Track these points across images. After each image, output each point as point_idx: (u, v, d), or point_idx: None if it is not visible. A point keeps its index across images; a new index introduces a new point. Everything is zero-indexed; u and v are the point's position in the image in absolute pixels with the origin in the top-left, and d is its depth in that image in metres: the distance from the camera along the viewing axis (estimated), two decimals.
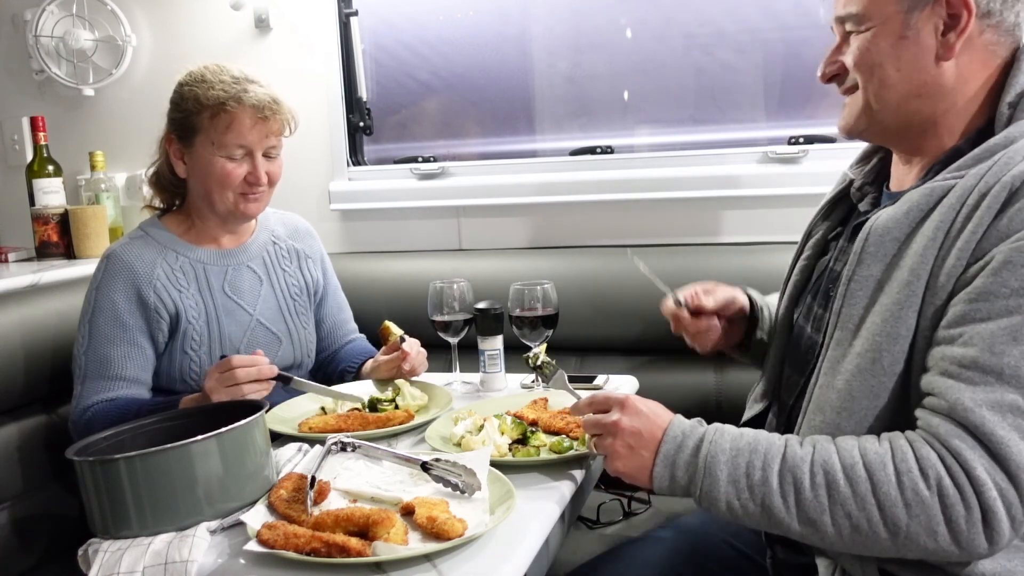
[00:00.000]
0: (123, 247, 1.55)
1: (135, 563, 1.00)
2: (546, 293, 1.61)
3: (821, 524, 0.93)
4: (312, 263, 1.77)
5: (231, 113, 1.50)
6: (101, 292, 1.51)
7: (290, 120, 1.58)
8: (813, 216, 1.30)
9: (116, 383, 1.49)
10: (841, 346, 1.05)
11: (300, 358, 1.70)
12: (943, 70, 1.05)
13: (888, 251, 1.03)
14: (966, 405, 0.89)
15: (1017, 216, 0.92)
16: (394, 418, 1.42)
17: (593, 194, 2.13)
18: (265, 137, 1.54)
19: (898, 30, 1.04)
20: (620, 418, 1.06)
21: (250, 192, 1.56)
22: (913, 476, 0.89)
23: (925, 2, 1.03)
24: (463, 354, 1.70)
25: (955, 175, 1.01)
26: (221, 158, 1.52)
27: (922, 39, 1.04)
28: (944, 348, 0.94)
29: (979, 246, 0.94)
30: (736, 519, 0.99)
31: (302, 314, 1.72)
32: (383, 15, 2.34)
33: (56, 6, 2.42)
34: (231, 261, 1.64)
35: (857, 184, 1.23)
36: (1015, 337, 0.90)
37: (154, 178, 1.66)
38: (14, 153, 2.56)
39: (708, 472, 0.99)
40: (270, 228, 1.73)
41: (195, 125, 1.54)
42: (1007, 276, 0.91)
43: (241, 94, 1.51)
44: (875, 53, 1.06)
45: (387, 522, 1.00)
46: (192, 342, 1.55)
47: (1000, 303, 0.91)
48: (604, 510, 1.71)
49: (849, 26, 1.09)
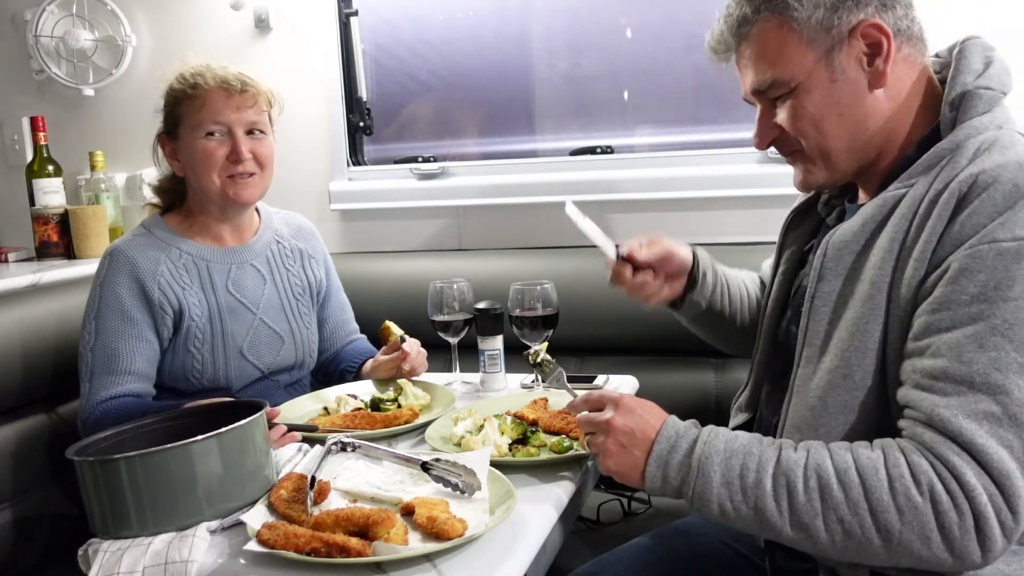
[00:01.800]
0: (126, 243, 1.55)
1: (135, 563, 1.00)
2: (546, 293, 1.61)
3: (814, 529, 0.93)
4: (315, 263, 1.77)
5: (201, 92, 1.53)
6: (106, 288, 1.51)
7: (268, 95, 1.59)
8: (782, 227, 1.29)
9: (125, 377, 1.49)
10: (811, 363, 1.05)
11: (302, 358, 1.70)
12: (878, 97, 1.05)
13: (846, 264, 1.04)
14: (943, 416, 0.89)
15: (968, 221, 0.93)
16: (400, 417, 1.42)
17: (593, 194, 2.13)
18: (239, 111, 1.54)
19: (826, 77, 1.05)
20: (613, 416, 1.06)
21: (236, 173, 1.55)
22: (905, 482, 0.89)
23: (840, 41, 1.03)
24: (463, 354, 1.70)
25: (906, 184, 1.02)
26: (201, 140, 1.53)
27: (851, 76, 1.04)
28: (915, 361, 0.95)
29: (935, 254, 0.95)
30: (728, 522, 0.99)
31: (305, 314, 1.71)
32: (383, 15, 2.34)
33: (56, 6, 2.42)
34: (235, 259, 1.63)
35: (824, 199, 1.24)
36: (981, 344, 0.90)
37: (158, 184, 1.68)
38: (14, 153, 2.56)
39: (701, 473, 0.99)
40: (274, 227, 1.73)
41: (176, 116, 1.56)
42: (965, 283, 0.91)
43: (206, 72, 1.54)
44: (813, 108, 1.06)
45: (387, 522, 1.00)
46: (195, 340, 1.54)
47: (962, 311, 0.91)
48: (604, 510, 1.71)
49: (772, 93, 1.09)
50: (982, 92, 1.02)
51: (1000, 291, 0.90)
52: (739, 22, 1.07)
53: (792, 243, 1.27)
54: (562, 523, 1.16)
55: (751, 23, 1.06)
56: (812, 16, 1.03)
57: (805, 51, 1.04)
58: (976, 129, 1.00)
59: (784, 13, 1.04)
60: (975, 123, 1.00)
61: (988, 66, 1.05)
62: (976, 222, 0.92)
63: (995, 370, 0.89)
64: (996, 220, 0.91)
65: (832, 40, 1.03)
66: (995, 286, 0.90)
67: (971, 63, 1.05)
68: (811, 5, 1.03)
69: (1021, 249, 0.90)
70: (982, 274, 0.91)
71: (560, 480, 1.19)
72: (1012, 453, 0.87)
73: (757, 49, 1.08)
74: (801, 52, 1.04)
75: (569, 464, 1.23)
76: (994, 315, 0.90)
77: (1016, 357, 0.89)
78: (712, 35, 1.13)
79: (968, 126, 1.00)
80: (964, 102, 1.02)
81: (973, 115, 1.01)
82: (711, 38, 1.13)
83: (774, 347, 1.25)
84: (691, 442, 1.02)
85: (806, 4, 1.03)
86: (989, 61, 1.05)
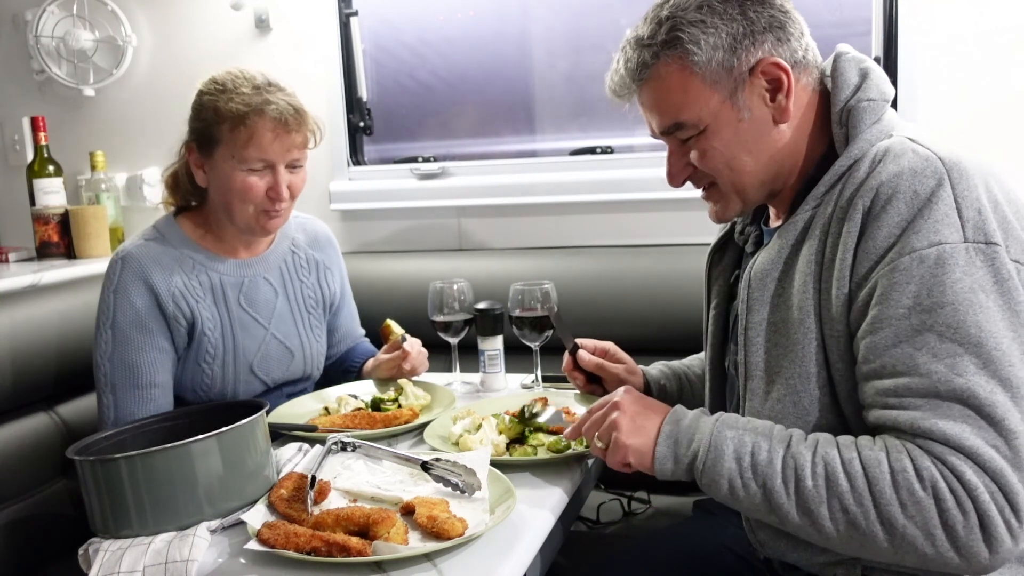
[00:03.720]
0: (139, 249, 1.48)
1: (135, 562, 1.00)
2: (546, 293, 1.61)
3: (819, 516, 0.93)
4: (331, 275, 1.72)
5: (251, 127, 1.42)
6: (119, 296, 1.45)
7: (315, 131, 1.51)
8: (706, 262, 1.31)
9: (150, 391, 1.45)
10: (756, 395, 1.07)
11: (309, 371, 1.67)
12: (783, 129, 1.08)
13: (770, 291, 1.06)
14: (925, 427, 0.90)
15: (879, 233, 0.95)
16: (400, 417, 1.42)
17: (593, 194, 2.13)
18: (288, 151, 1.46)
19: (733, 116, 1.06)
20: (621, 399, 1.08)
21: (271, 209, 1.48)
22: (908, 476, 0.89)
23: (741, 80, 1.05)
24: (463, 354, 1.70)
25: (812, 205, 1.04)
26: (242, 172, 1.45)
27: (756, 113, 1.07)
28: (874, 383, 0.95)
29: (854, 270, 0.97)
30: (736, 502, 0.99)
31: (316, 327, 1.68)
32: (383, 15, 2.35)
33: (56, 6, 2.42)
34: (247, 272, 1.58)
35: (739, 228, 1.25)
36: (934, 354, 0.91)
37: (171, 180, 1.58)
38: (15, 153, 2.56)
39: (714, 446, 0.99)
40: (290, 236, 1.67)
41: (215, 136, 1.46)
42: (897, 297, 0.93)
43: (263, 106, 1.42)
44: (723, 148, 1.08)
45: (387, 521, 1.00)
46: (207, 355, 1.51)
47: (904, 324, 0.92)
48: (604, 510, 1.71)
49: (681, 135, 1.10)
50: (865, 104, 1.04)
51: (934, 298, 0.91)
52: (638, 67, 1.08)
53: (718, 277, 1.28)
54: (562, 523, 1.16)
55: (651, 67, 1.07)
56: (712, 58, 1.04)
57: (709, 93, 1.05)
58: (868, 142, 1.03)
59: (685, 58, 1.05)
60: (866, 135, 1.03)
61: (865, 77, 1.07)
62: (887, 233, 0.94)
63: (955, 375, 0.89)
64: (907, 230, 0.93)
65: (734, 81, 1.05)
66: (927, 294, 0.91)
67: (848, 78, 1.07)
68: (709, 48, 1.04)
69: (941, 254, 0.92)
70: (911, 285, 0.92)
71: (560, 480, 1.19)
72: (999, 452, 0.87)
73: (659, 93, 1.09)
74: (705, 94, 1.06)
75: (568, 463, 1.24)
76: (936, 323, 0.91)
77: (970, 359, 0.89)
78: (612, 79, 1.13)
79: (860, 139, 1.03)
80: (851, 117, 1.05)
81: (862, 128, 1.03)
82: (611, 83, 1.14)
83: (723, 379, 1.26)
84: (699, 417, 1.04)
85: (704, 47, 1.04)
86: (865, 72, 1.07)
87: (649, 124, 1.14)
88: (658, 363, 1.48)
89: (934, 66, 1.88)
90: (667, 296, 1.93)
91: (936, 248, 0.92)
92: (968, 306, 0.90)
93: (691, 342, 1.54)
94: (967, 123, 1.88)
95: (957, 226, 0.92)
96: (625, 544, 1.34)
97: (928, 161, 0.95)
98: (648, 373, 1.45)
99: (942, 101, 1.88)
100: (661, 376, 1.45)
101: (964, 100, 1.87)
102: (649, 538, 1.35)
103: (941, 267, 0.91)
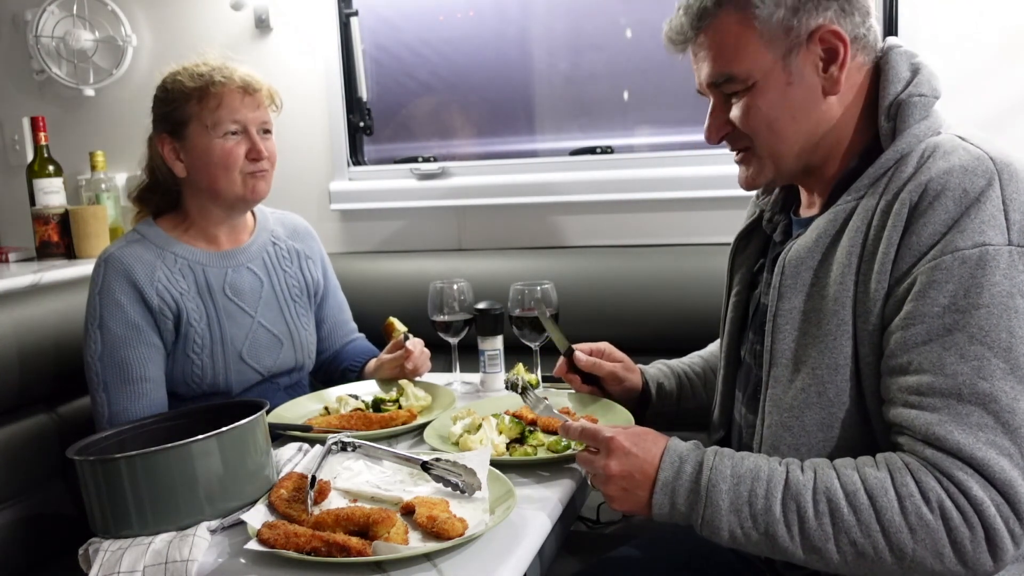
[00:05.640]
0: (120, 250, 1.52)
1: (135, 562, 1.00)
2: (546, 293, 1.61)
3: (826, 552, 0.93)
4: (312, 263, 1.76)
5: (218, 90, 1.50)
6: (105, 296, 1.48)
7: (273, 95, 1.59)
8: (730, 249, 1.30)
9: (142, 385, 1.47)
10: (780, 382, 1.05)
11: (301, 360, 1.69)
12: (831, 103, 1.06)
13: (805, 280, 1.04)
14: (938, 434, 0.90)
15: (924, 231, 0.93)
16: (397, 418, 1.42)
17: (593, 194, 2.13)
18: (257, 109, 1.54)
19: (783, 78, 1.04)
20: (608, 463, 1.05)
21: (256, 170, 1.54)
22: (915, 501, 0.89)
23: (798, 44, 1.03)
24: (463, 354, 1.70)
25: (855, 197, 1.02)
26: (219, 140, 1.51)
27: (807, 80, 1.04)
28: (897, 379, 0.95)
29: (896, 266, 0.95)
30: (738, 547, 0.99)
31: (303, 315, 1.70)
32: (383, 15, 2.34)
33: (56, 6, 2.42)
34: (231, 262, 1.61)
35: (767, 216, 1.24)
36: (962, 355, 0.90)
37: (144, 193, 1.63)
38: (15, 153, 2.56)
39: (710, 501, 0.98)
40: (269, 229, 1.71)
41: (185, 114, 1.52)
42: (935, 295, 0.92)
43: (224, 72, 1.52)
44: (767, 109, 1.05)
45: (387, 521, 1.00)
46: (195, 345, 1.53)
47: (936, 323, 0.91)
48: (604, 510, 1.71)
49: (727, 88, 1.08)
50: (916, 100, 1.03)
51: (970, 299, 0.90)
52: (699, 14, 1.06)
53: (741, 265, 1.27)
54: (562, 522, 1.16)
55: (712, 15, 1.06)
56: (773, 15, 1.02)
57: (764, 50, 1.03)
58: (916, 137, 1.01)
59: (746, 9, 1.03)
60: (914, 131, 1.01)
61: (916, 73, 1.05)
62: (933, 231, 0.93)
63: (980, 379, 0.89)
64: (953, 228, 0.92)
65: (791, 42, 1.03)
66: (964, 295, 0.91)
67: (899, 72, 1.05)
68: (772, 4, 1.02)
69: (983, 255, 0.90)
70: (950, 284, 0.91)
71: (560, 479, 1.19)
72: (1012, 461, 0.87)
73: (715, 42, 1.07)
74: (760, 51, 1.04)
75: (568, 463, 1.23)
76: (969, 324, 0.90)
77: (998, 363, 0.89)
78: (670, 26, 1.11)
79: (908, 135, 1.01)
80: (900, 112, 1.03)
81: (911, 123, 1.02)
82: (669, 28, 1.12)
83: (739, 367, 1.25)
84: (696, 466, 1.01)
85: (768, 2, 1.02)
86: (916, 68, 1.06)
87: (697, 75, 1.12)
88: (657, 362, 1.48)
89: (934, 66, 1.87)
90: (667, 296, 1.93)
91: (979, 249, 0.91)
92: (1003, 310, 0.89)
93: (692, 342, 1.55)
94: (967, 123, 1.87)
95: (1003, 228, 0.91)
96: (625, 544, 1.34)
97: (979, 160, 0.94)
98: (646, 372, 1.45)
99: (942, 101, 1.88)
100: (659, 375, 1.44)
101: (964, 100, 1.87)
102: (649, 538, 1.35)
103: (982, 269, 0.90)
